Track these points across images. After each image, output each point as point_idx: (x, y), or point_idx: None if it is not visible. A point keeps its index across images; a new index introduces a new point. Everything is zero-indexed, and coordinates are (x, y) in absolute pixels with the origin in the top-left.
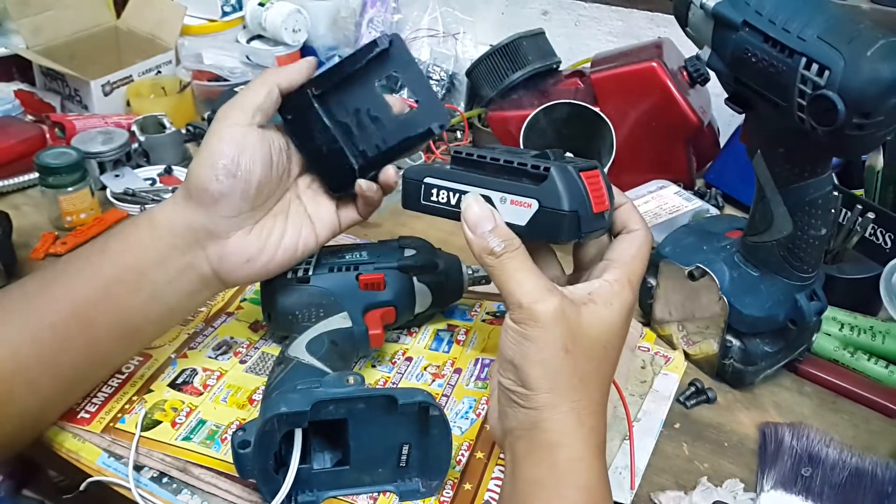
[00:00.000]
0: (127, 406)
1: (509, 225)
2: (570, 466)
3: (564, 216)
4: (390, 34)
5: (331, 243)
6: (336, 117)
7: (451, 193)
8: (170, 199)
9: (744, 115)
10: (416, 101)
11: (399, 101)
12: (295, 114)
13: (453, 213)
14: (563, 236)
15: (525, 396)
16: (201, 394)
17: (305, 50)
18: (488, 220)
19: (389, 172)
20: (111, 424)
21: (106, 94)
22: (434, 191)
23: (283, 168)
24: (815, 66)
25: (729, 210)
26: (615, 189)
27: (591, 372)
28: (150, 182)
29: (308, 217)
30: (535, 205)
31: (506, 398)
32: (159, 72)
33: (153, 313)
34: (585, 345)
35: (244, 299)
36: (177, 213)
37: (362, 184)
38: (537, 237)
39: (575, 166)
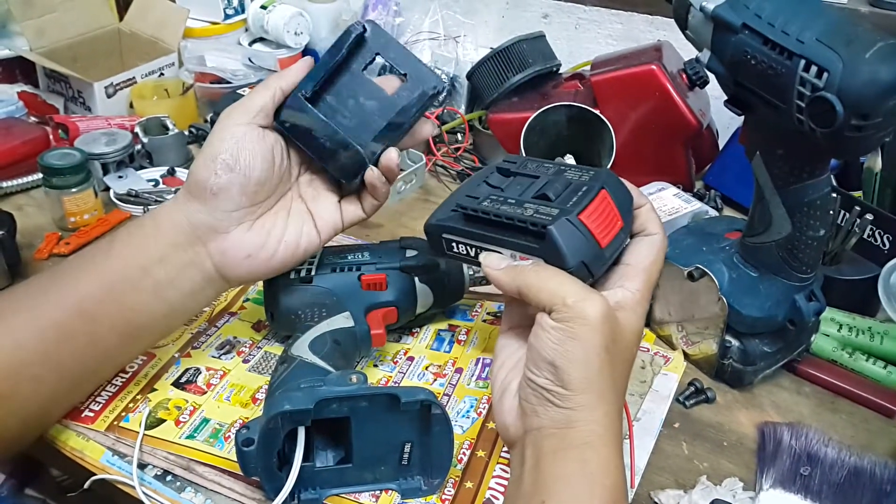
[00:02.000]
0: (131, 405)
1: None
2: (601, 466)
3: (571, 271)
4: (363, 21)
5: (333, 244)
6: (333, 111)
7: (468, 247)
8: (172, 199)
9: (743, 118)
10: (405, 75)
11: (391, 82)
12: (291, 119)
13: (475, 262)
14: None
15: (563, 396)
16: (205, 393)
17: (307, 53)
18: (506, 260)
19: (391, 155)
20: (115, 423)
21: (109, 96)
22: (454, 244)
23: (283, 167)
24: (813, 69)
25: (728, 212)
26: (636, 190)
27: (621, 375)
28: (153, 183)
29: (310, 214)
30: (541, 262)
31: (538, 397)
32: (162, 74)
33: (156, 311)
34: (621, 347)
35: (247, 299)
36: (178, 211)
37: (373, 172)
38: None
39: (574, 208)
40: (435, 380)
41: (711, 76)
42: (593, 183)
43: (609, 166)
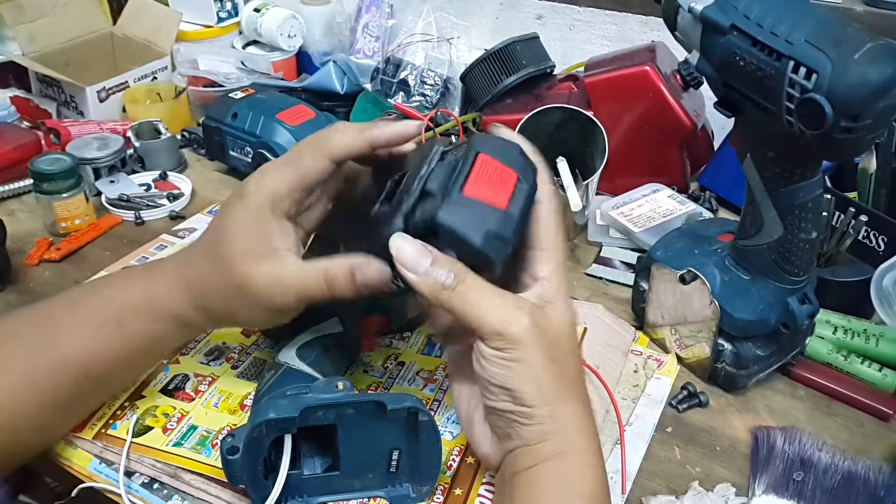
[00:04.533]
0: (119, 412)
1: None
2: (576, 475)
3: (482, 250)
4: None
5: None
6: None
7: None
8: (182, 294)
9: (734, 119)
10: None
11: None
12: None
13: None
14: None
15: (527, 415)
16: (193, 399)
17: (301, 55)
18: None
19: None
20: (103, 431)
21: (101, 101)
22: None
23: None
24: (802, 70)
25: (723, 213)
26: (524, 142)
27: (574, 368)
28: (144, 188)
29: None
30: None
31: (504, 421)
32: (155, 78)
33: (161, 358)
34: (562, 345)
35: None
36: (192, 316)
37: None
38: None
39: (454, 187)
40: (425, 385)
41: None
42: (468, 152)
43: (602, 168)
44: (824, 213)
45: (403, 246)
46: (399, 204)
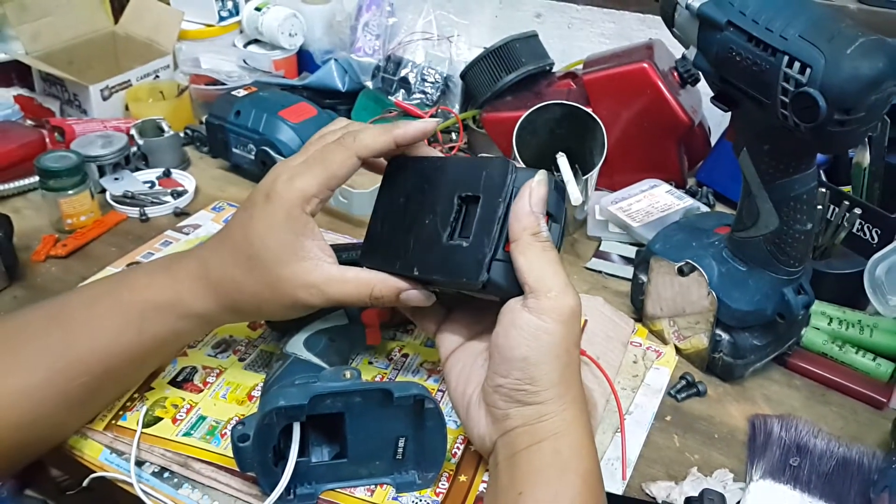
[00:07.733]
0: (128, 404)
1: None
2: (573, 453)
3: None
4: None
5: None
6: None
7: None
8: (209, 294)
9: (730, 114)
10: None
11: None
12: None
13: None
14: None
15: (533, 393)
16: (201, 391)
17: (302, 54)
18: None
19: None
20: (113, 422)
21: (105, 99)
22: None
23: None
24: (797, 65)
25: (720, 208)
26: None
27: (578, 357)
28: (148, 185)
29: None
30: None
31: (506, 401)
32: (157, 76)
33: (178, 352)
34: (578, 335)
35: None
36: (218, 314)
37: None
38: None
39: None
40: (429, 376)
41: None
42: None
43: (601, 164)
44: (819, 206)
45: (544, 186)
46: (480, 247)
